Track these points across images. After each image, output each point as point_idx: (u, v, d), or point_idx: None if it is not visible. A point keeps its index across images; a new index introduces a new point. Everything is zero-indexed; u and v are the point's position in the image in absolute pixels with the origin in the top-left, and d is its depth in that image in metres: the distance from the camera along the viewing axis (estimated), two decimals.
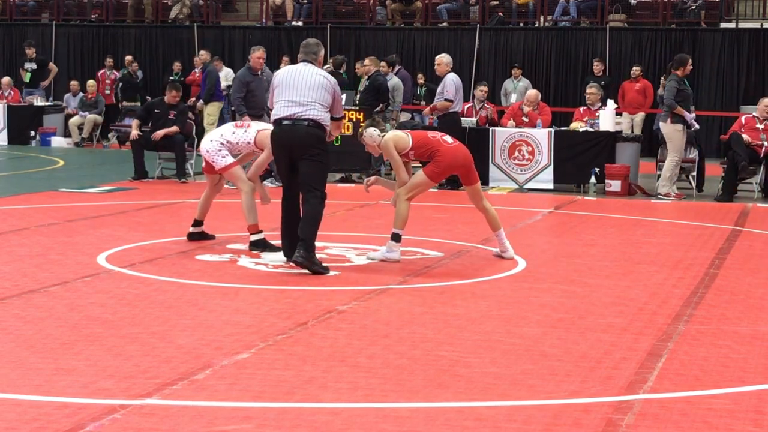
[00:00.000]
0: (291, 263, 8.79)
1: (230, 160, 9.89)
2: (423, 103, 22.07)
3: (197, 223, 10.29)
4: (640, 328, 6.99)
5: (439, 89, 16.08)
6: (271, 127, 9.24)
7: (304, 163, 8.73)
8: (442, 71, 16.09)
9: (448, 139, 9.53)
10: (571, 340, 6.61)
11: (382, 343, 6.47)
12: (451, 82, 15.80)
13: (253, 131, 9.85)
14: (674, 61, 15.68)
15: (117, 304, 7.42)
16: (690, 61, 15.64)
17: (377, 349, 6.31)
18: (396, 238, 9.30)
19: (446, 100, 15.76)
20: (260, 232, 9.78)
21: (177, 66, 24.28)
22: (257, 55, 15.31)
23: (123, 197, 13.23)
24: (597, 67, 21.56)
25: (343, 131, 16.02)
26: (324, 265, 8.71)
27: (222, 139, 9.94)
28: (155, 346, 6.25)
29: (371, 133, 9.48)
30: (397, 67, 20.71)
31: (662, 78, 19.51)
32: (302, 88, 8.80)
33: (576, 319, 7.25)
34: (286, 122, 8.80)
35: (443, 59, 16.28)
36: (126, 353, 6.06)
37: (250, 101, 15.25)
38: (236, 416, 5.02)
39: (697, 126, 15.54)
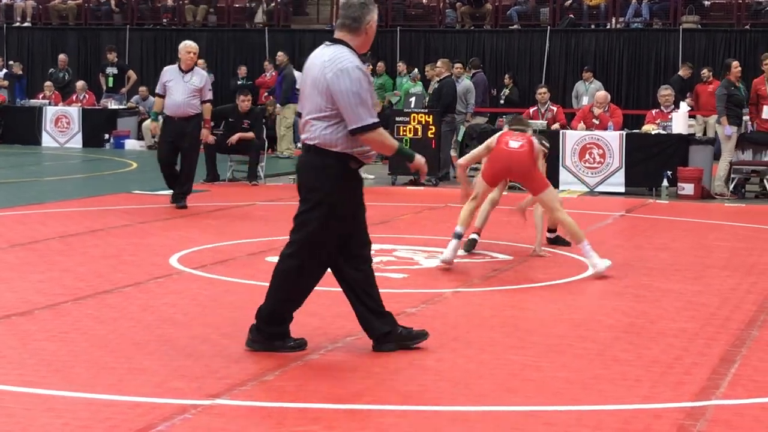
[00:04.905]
0: None
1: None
2: (502, 103, 22.10)
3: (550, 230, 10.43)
4: (712, 333, 6.89)
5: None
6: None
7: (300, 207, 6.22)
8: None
9: (513, 143, 9.20)
10: (642, 345, 6.54)
11: (450, 346, 6.46)
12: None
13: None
14: (723, 67, 16.18)
15: (189, 304, 7.50)
16: (735, 64, 15.75)
17: (446, 353, 6.30)
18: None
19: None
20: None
21: (242, 71, 24.47)
22: None
23: (195, 199, 13.37)
24: (685, 71, 21.18)
25: (411, 134, 16.19)
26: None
27: None
28: (226, 346, 6.30)
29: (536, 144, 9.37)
30: (473, 71, 20.71)
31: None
32: (304, 92, 6.16)
33: (647, 323, 7.17)
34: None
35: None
36: (197, 354, 6.12)
37: None
38: (305, 417, 5.04)
39: (729, 133, 15.37)
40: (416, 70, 22.11)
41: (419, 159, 6.17)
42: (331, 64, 5.86)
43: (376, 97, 6.19)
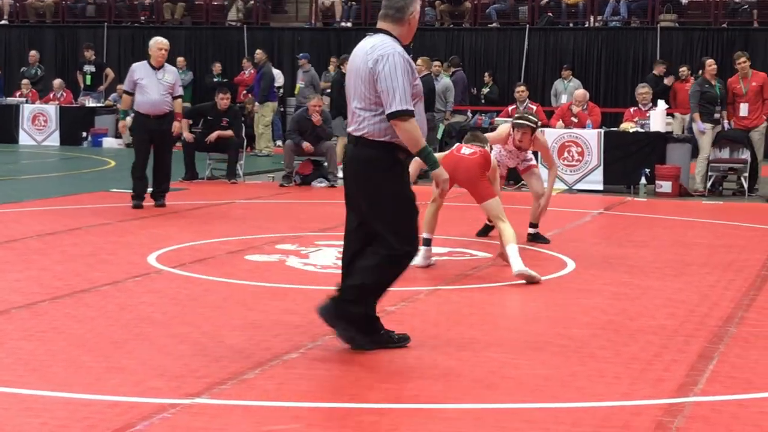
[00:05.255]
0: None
1: None
2: (483, 101, 22.11)
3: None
4: (691, 330, 6.92)
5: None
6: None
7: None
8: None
9: (465, 150, 9.11)
10: (620, 342, 6.56)
11: (430, 344, 6.46)
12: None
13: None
14: (700, 65, 16.47)
15: (167, 303, 7.48)
16: (710, 62, 15.96)
17: (425, 350, 6.30)
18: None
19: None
20: None
21: (217, 67, 24.41)
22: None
23: (173, 198, 13.33)
24: (659, 68, 21.28)
25: None
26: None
27: None
28: (205, 345, 6.29)
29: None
30: (453, 69, 20.73)
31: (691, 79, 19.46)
32: (349, 84, 6.14)
33: (626, 321, 7.20)
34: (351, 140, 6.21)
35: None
36: (176, 353, 6.11)
37: None
38: (285, 416, 5.04)
39: (702, 129, 15.48)
40: None
41: (442, 172, 6.09)
42: (373, 52, 5.87)
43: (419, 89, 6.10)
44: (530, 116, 10.18)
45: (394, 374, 5.77)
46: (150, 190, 12.93)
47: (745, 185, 15.52)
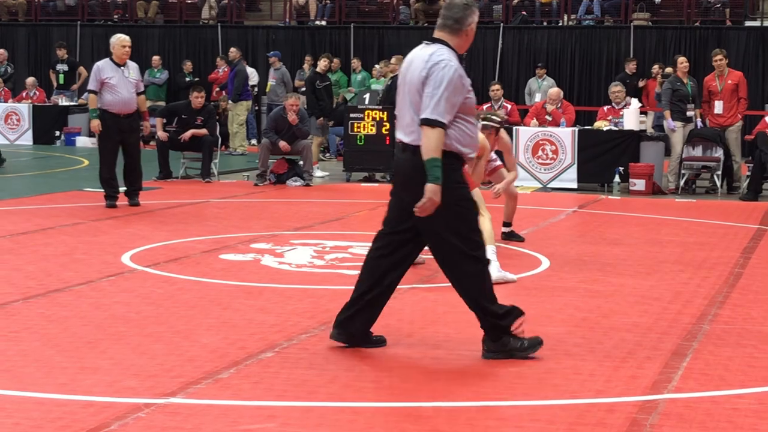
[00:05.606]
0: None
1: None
2: None
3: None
4: (665, 327, 6.96)
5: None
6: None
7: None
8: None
9: None
10: (595, 340, 6.58)
11: (405, 342, 6.47)
12: None
13: None
14: (672, 63, 16.58)
15: (141, 303, 7.45)
16: (681, 60, 16.06)
17: (400, 349, 6.30)
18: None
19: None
20: None
21: (188, 66, 24.32)
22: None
23: (147, 197, 13.28)
24: (631, 67, 21.37)
25: (365, 131, 16.18)
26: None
27: None
28: (179, 345, 6.27)
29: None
30: None
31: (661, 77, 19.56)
32: (403, 91, 6.10)
33: (600, 318, 7.23)
34: (399, 146, 6.19)
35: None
36: (150, 352, 6.08)
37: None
38: (260, 415, 5.03)
39: (672, 127, 15.60)
40: (378, 66, 22.16)
41: (434, 190, 5.82)
42: (430, 60, 5.92)
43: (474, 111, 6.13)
44: (494, 116, 10.14)
45: (369, 373, 5.77)
46: (123, 189, 12.85)
47: (718, 183, 15.61)
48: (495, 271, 8.33)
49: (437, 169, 5.80)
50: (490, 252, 8.43)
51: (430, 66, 5.88)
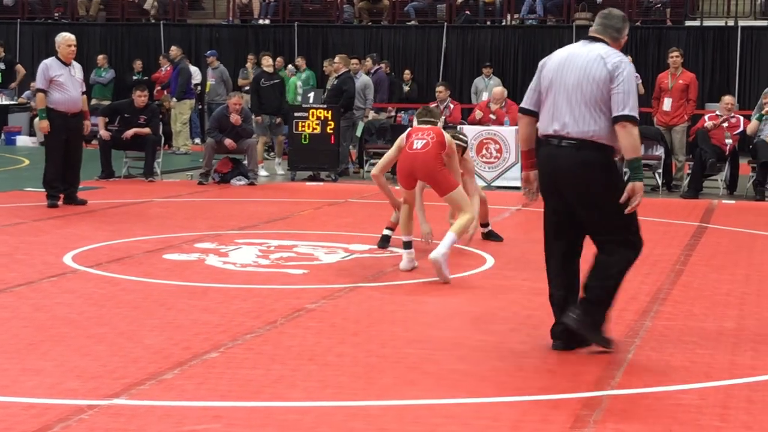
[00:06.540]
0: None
1: None
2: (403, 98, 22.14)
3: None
4: (608, 324, 7.02)
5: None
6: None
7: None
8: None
9: (417, 143, 8.84)
10: (539, 337, 6.62)
11: (351, 341, 6.47)
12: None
13: None
14: None
15: (84, 304, 7.37)
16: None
17: (346, 348, 6.30)
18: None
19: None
20: None
21: (138, 65, 24.13)
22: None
23: (89, 196, 13.14)
24: None
25: (309, 130, 16.15)
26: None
27: None
28: (123, 346, 6.21)
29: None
30: (375, 67, 20.73)
31: None
32: (565, 86, 6.26)
33: (544, 315, 7.26)
34: (551, 141, 6.34)
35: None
36: (93, 353, 6.02)
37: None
38: (205, 416, 5.00)
39: None
40: (290, 65, 22.29)
41: (641, 187, 6.18)
42: (608, 57, 6.13)
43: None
44: (461, 136, 10.08)
45: (315, 372, 5.76)
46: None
47: (660, 181, 15.78)
48: (437, 254, 8.26)
49: (641, 168, 6.21)
50: (450, 239, 8.40)
51: (615, 62, 6.09)
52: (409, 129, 9.21)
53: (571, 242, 6.39)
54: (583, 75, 6.13)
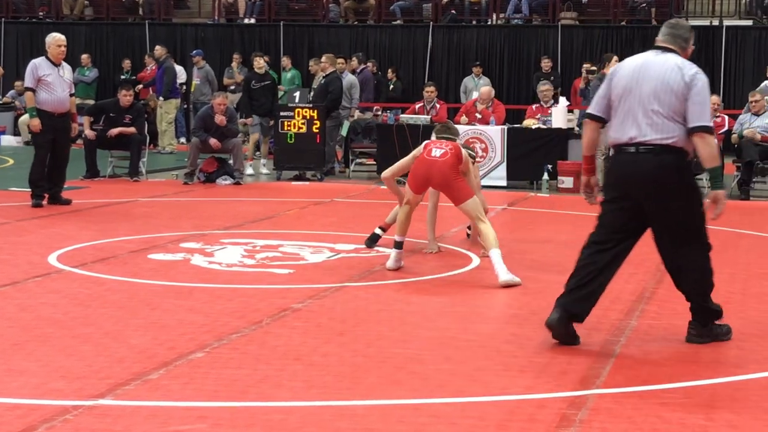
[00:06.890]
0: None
1: None
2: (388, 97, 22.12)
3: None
4: (593, 323, 7.02)
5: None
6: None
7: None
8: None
9: (435, 151, 8.90)
10: (525, 336, 6.63)
11: (337, 341, 6.46)
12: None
13: None
14: (601, 61, 16.47)
15: (69, 304, 7.34)
16: (613, 59, 16.07)
17: (332, 347, 6.30)
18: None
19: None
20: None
21: (127, 64, 24.09)
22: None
23: (74, 196, 13.09)
24: (546, 64, 21.73)
25: (295, 129, 16.13)
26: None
27: None
28: (108, 346, 6.19)
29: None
30: (361, 66, 20.72)
31: (586, 75, 19.75)
32: (640, 94, 6.33)
33: (530, 315, 7.28)
34: (628, 149, 6.41)
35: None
36: (78, 354, 6.00)
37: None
38: (190, 416, 4.99)
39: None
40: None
41: (724, 194, 6.40)
42: (685, 68, 6.28)
43: None
44: (470, 151, 10.03)
45: (301, 372, 5.76)
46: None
47: None
48: (504, 276, 8.29)
49: (722, 176, 6.46)
50: (497, 256, 8.41)
51: (692, 74, 6.24)
52: (426, 141, 9.30)
53: (626, 240, 6.56)
54: (660, 84, 6.25)
